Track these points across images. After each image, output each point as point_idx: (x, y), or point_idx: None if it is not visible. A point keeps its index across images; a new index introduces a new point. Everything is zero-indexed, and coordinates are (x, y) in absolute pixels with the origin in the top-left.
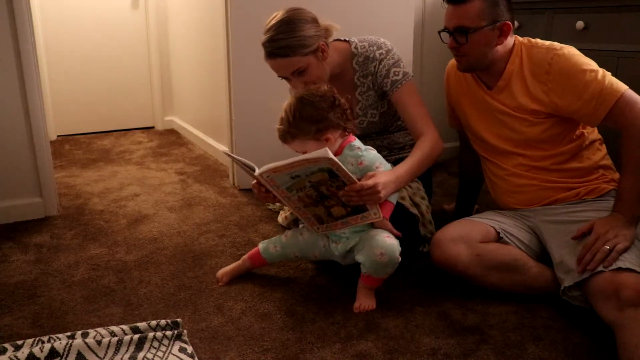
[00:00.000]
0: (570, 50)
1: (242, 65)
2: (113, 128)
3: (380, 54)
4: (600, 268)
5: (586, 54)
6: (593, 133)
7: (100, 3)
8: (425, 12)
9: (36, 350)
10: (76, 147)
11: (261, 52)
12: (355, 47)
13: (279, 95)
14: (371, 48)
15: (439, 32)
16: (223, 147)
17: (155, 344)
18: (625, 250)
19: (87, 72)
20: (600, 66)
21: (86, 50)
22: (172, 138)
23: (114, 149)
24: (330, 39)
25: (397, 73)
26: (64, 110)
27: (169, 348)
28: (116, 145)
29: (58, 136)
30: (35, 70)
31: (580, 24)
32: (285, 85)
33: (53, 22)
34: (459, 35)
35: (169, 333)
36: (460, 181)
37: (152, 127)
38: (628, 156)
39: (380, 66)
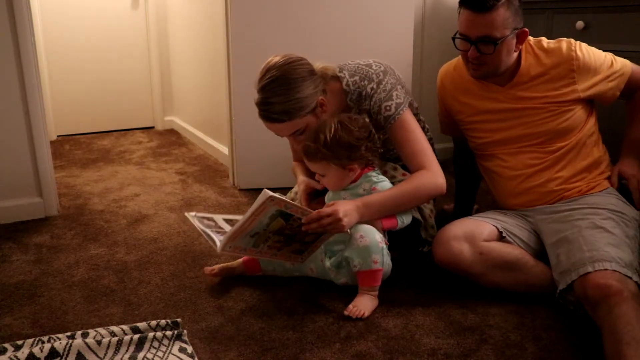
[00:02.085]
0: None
1: (242, 65)
2: (113, 128)
3: (372, 88)
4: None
5: None
6: (595, 127)
7: (100, 3)
8: (425, 12)
9: (36, 350)
10: (76, 147)
11: (261, 52)
12: (347, 84)
13: None
14: (362, 83)
15: (453, 39)
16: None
17: (155, 344)
18: None
19: (87, 72)
20: None
21: (86, 51)
22: (172, 138)
23: (114, 149)
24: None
25: (388, 108)
26: (64, 110)
27: (169, 348)
28: (116, 145)
29: (58, 136)
30: (35, 70)
31: (580, 24)
32: None
33: (53, 22)
34: (484, 45)
35: (169, 333)
36: (457, 183)
37: (152, 127)
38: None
39: (372, 103)
